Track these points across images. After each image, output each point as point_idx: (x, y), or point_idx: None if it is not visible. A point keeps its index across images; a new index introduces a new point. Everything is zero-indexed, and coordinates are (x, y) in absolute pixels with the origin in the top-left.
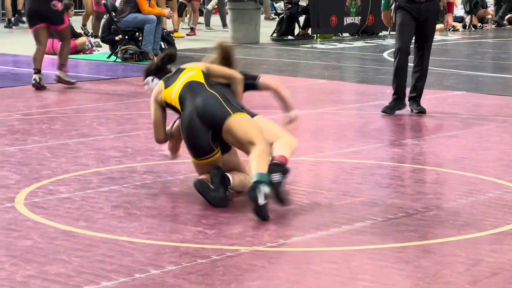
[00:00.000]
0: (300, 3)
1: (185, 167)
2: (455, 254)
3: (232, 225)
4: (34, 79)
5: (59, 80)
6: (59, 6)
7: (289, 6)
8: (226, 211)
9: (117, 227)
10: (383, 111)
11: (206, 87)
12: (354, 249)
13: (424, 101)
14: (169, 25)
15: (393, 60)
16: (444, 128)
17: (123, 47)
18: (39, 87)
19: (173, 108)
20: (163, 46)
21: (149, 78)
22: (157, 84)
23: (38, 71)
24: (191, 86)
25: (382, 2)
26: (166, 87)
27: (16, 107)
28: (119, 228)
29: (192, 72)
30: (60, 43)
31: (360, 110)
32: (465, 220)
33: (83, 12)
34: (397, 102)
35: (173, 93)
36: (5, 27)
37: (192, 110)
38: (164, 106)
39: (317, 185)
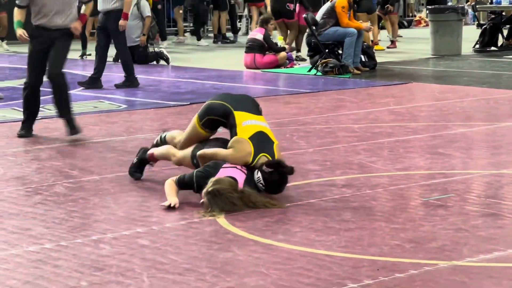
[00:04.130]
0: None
1: (383, 180)
2: None
3: (430, 239)
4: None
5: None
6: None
7: (492, 16)
8: (424, 224)
9: (315, 241)
10: None
11: None
12: None
13: None
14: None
15: None
16: None
17: (324, 60)
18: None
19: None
20: (363, 59)
21: None
22: None
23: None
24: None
25: None
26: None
27: None
28: (317, 242)
29: None
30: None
31: None
32: None
33: None
34: None
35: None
36: (214, 42)
37: None
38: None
39: None
